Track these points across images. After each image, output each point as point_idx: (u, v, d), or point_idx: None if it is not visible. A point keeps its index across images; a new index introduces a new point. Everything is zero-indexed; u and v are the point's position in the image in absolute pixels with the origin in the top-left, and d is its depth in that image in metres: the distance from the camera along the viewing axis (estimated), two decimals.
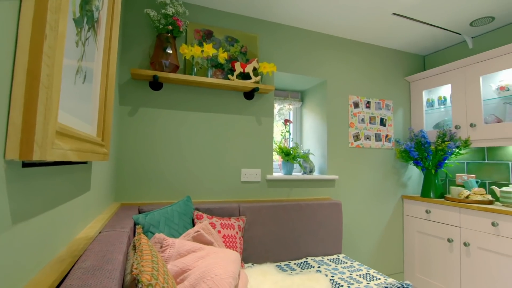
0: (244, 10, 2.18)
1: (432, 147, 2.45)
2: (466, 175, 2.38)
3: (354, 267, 1.88)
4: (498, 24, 2.30)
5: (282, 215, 2.05)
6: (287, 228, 2.05)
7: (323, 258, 2.06)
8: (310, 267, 1.87)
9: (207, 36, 2.09)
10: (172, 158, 1.96)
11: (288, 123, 2.59)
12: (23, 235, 0.57)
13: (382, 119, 2.69)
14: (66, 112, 0.69)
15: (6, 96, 0.47)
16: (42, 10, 0.49)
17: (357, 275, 1.73)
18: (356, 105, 2.59)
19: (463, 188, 2.28)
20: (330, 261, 2.00)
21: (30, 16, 0.49)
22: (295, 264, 1.94)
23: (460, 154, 2.41)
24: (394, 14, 2.17)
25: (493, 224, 1.92)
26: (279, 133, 2.64)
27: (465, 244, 2.10)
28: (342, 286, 1.57)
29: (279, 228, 2.03)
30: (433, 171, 2.49)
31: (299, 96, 2.86)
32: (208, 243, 1.45)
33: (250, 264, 1.87)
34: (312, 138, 2.66)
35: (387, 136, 2.70)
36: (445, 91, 2.67)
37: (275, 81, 2.50)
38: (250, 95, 2.18)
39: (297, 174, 2.46)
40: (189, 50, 1.86)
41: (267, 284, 1.46)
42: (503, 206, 2.01)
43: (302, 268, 1.84)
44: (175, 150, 1.97)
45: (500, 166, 2.29)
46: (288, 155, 2.32)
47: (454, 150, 2.35)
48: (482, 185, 2.41)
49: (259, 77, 2.07)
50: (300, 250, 2.07)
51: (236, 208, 1.94)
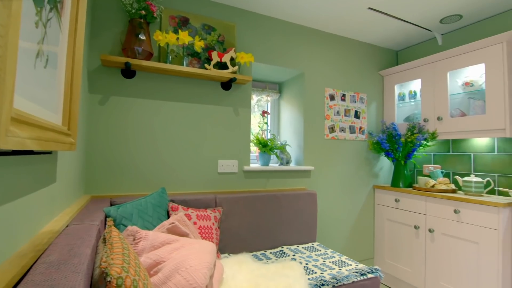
0: None
1: (402, 139, 2.56)
2: (432, 165, 2.52)
3: (328, 254, 1.95)
4: (465, 22, 2.42)
5: (259, 206, 2.07)
6: (264, 218, 2.08)
7: (298, 246, 2.12)
8: (285, 255, 1.91)
9: (182, 23, 2.02)
10: (146, 149, 1.90)
11: (265, 115, 2.59)
12: None
13: (356, 112, 2.76)
14: (25, 98, 0.64)
15: None
16: None
17: (330, 262, 1.79)
18: (332, 97, 2.64)
19: (429, 178, 2.42)
20: (305, 249, 2.05)
21: None
22: (271, 253, 1.97)
23: (428, 146, 2.54)
24: (370, 8, 2.22)
25: (455, 211, 2.06)
26: (256, 124, 2.64)
27: (430, 230, 2.23)
28: (316, 272, 1.62)
29: (256, 219, 2.05)
30: (402, 162, 2.61)
31: (277, 87, 2.86)
32: (184, 234, 1.43)
33: (226, 255, 1.88)
34: (289, 130, 2.69)
35: (360, 128, 2.78)
36: (415, 85, 2.79)
37: (253, 72, 2.49)
38: (227, 85, 2.15)
39: (274, 165, 2.48)
40: (163, 37, 1.79)
41: (242, 273, 1.48)
42: (465, 194, 2.15)
43: (277, 257, 1.88)
44: (149, 140, 1.91)
45: (463, 157, 2.45)
46: (265, 146, 2.33)
47: (422, 142, 2.47)
48: (447, 175, 2.56)
49: (236, 67, 2.04)
50: (276, 239, 2.11)
51: (213, 199, 1.93)
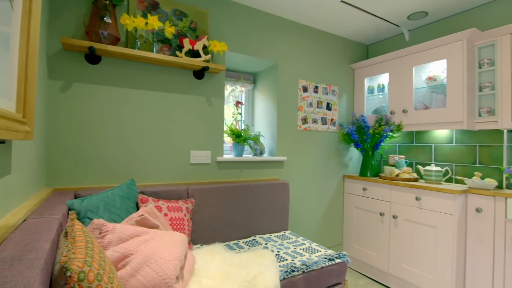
0: None
1: (371, 130, 2.66)
2: (397, 156, 2.66)
3: (299, 242, 2.00)
4: (431, 19, 2.53)
5: (232, 196, 2.07)
6: (237, 208, 2.09)
7: (270, 235, 2.16)
8: (258, 244, 1.94)
9: (152, 7, 1.93)
10: (114, 139, 1.82)
11: (239, 105, 2.58)
12: None
13: (328, 104, 2.83)
14: None
15: None
16: None
17: (300, 249, 1.85)
18: (305, 89, 2.67)
19: (395, 168, 2.55)
20: (277, 237, 2.10)
21: None
22: (243, 242, 1.99)
23: (394, 137, 2.67)
24: (342, 1, 2.25)
25: (416, 198, 2.19)
26: (230, 115, 2.62)
27: (394, 216, 2.37)
28: (287, 259, 1.67)
29: (229, 209, 2.05)
30: (370, 153, 2.73)
31: (252, 78, 2.84)
32: (153, 226, 1.40)
33: (199, 245, 1.87)
34: (263, 121, 2.70)
35: (332, 120, 2.86)
36: (384, 79, 2.90)
37: (226, 61, 2.44)
38: (200, 74, 2.10)
39: (247, 156, 2.48)
40: (131, 21, 1.70)
41: (214, 263, 1.48)
42: (426, 182, 2.30)
43: (250, 246, 1.91)
44: (116, 130, 1.82)
45: (425, 148, 2.60)
46: (239, 137, 2.32)
47: (388, 133, 2.59)
48: (410, 164, 2.72)
49: (209, 55, 1.99)
50: (249, 229, 2.13)
51: (185, 190, 1.90)
